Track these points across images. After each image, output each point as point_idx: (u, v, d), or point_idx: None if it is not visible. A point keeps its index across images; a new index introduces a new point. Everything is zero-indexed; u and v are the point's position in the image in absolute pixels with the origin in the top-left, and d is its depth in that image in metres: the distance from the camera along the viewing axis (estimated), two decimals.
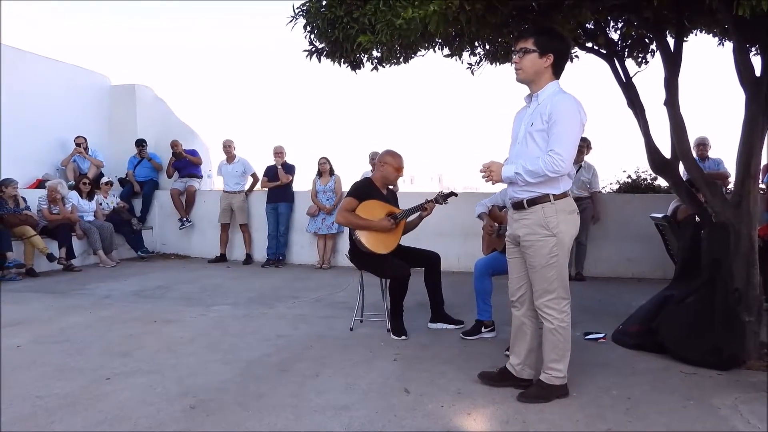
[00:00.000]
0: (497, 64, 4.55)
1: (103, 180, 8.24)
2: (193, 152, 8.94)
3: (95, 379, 3.21)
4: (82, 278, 6.63)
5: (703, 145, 6.51)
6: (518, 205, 2.85)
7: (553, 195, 2.78)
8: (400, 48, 3.65)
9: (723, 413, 2.74)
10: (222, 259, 8.10)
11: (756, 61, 3.63)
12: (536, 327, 3.03)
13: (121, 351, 3.74)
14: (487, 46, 4.40)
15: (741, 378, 3.22)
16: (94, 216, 7.81)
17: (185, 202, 8.59)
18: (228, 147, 8.18)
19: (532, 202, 2.80)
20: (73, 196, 7.61)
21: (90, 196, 7.84)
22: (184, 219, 8.51)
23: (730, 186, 5.72)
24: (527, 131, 2.80)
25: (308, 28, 3.80)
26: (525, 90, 2.93)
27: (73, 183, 7.98)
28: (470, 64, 4.56)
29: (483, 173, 2.84)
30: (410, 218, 4.33)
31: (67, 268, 7.05)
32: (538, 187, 2.77)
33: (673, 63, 3.86)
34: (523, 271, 2.96)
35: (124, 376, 3.25)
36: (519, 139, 2.86)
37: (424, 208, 4.25)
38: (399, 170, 4.34)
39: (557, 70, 2.83)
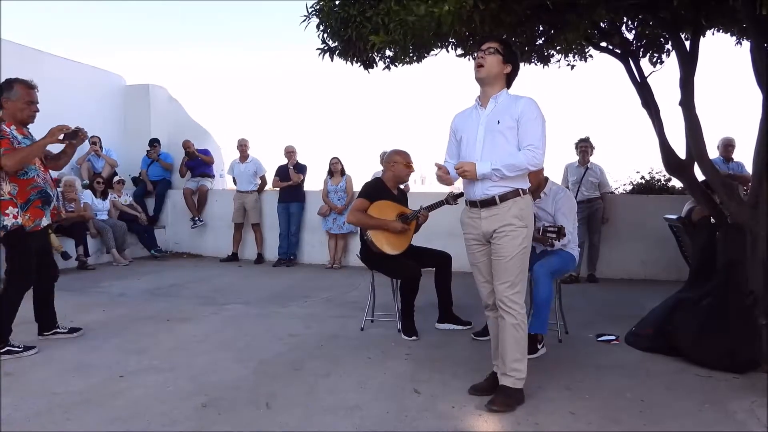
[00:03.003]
0: None
1: (116, 179, 8.32)
2: (206, 152, 9.00)
3: (110, 376, 3.24)
4: (97, 276, 6.69)
5: (730, 146, 6.35)
6: (488, 202, 2.85)
7: (522, 190, 2.86)
8: (413, 47, 3.65)
9: (739, 417, 2.70)
10: (234, 258, 8.14)
11: None
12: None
13: (136, 349, 3.77)
14: None
15: (757, 381, 3.18)
16: (108, 215, 7.88)
17: (197, 202, 8.64)
18: (243, 146, 8.23)
19: (504, 197, 2.83)
20: (86, 195, 7.68)
21: (104, 195, 7.91)
22: (196, 218, 8.56)
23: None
24: (494, 129, 2.84)
25: (321, 27, 3.81)
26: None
27: (87, 182, 8.06)
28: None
29: (458, 171, 2.85)
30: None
31: (81, 267, 7.12)
32: (511, 182, 2.82)
33: (688, 63, 3.82)
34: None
35: (138, 374, 3.28)
36: (479, 138, 2.88)
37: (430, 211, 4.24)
38: (409, 166, 4.33)
39: (509, 81, 2.96)
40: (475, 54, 2.97)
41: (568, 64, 4.79)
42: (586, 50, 4.67)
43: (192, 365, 3.44)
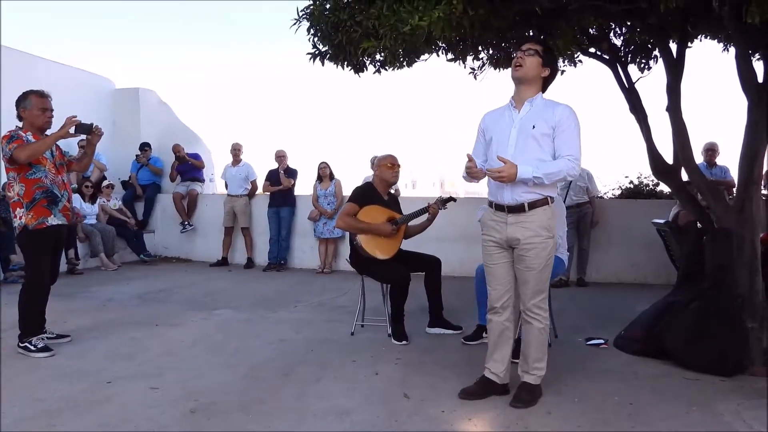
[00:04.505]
0: (500, 69, 4.55)
1: (105, 183, 8.26)
2: (196, 156, 8.96)
3: (97, 382, 3.21)
4: (85, 281, 6.63)
5: (712, 150, 6.48)
6: (517, 209, 2.83)
7: (550, 198, 2.86)
8: (403, 52, 3.66)
9: (726, 419, 2.73)
10: (224, 262, 8.10)
11: (759, 68, 3.64)
12: (515, 331, 3.07)
13: (124, 354, 3.74)
14: (491, 51, 4.41)
15: (744, 384, 3.21)
16: (96, 219, 7.82)
17: (187, 206, 8.60)
18: (236, 150, 8.23)
19: (533, 205, 2.81)
20: (75, 199, 7.61)
21: (92, 200, 7.85)
22: (186, 223, 8.51)
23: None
24: (528, 134, 2.81)
25: (312, 31, 3.81)
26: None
27: (76, 186, 7.99)
28: (473, 69, 4.57)
29: (493, 175, 2.75)
30: (412, 223, 4.33)
31: (70, 271, 7.05)
32: (542, 189, 2.80)
33: (675, 69, 3.87)
34: (509, 276, 2.95)
35: (126, 380, 3.25)
36: (511, 141, 2.85)
37: (428, 212, 4.25)
38: (393, 166, 4.33)
39: (545, 86, 2.95)
40: (514, 54, 2.97)
41: (559, 70, 4.82)
42: (576, 56, 4.71)
43: (181, 370, 3.42)
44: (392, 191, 4.66)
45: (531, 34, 4.37)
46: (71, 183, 7.93)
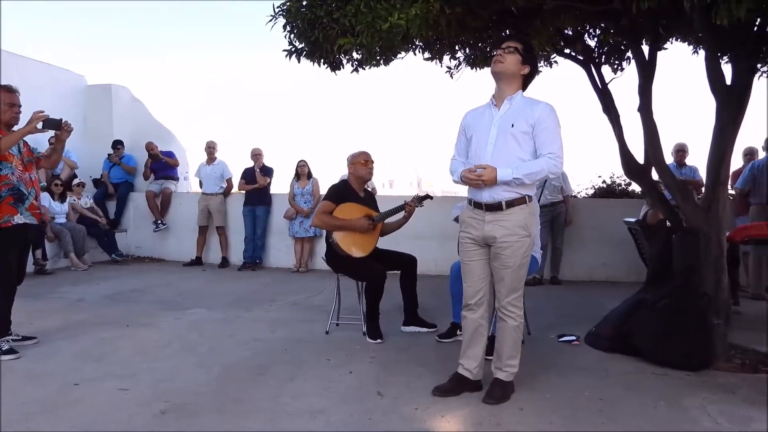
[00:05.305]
0: (477, 68, 4.58)
1: (75, 181, 8.08)
2: (170, 154, 8.82)
3: (66, 384, 3.14)
4: (54, 282, 6.48)
5: (681, 151, 6.63)
6: (495, 207, 2.85)
7: (528, 197, 2.88)
8: (380, 50, 3.66)
9: (692, 414, 2.79)
10: (198, 262, 8.00)
11: (727, 70, 3.73)
12: (488, 328, 3.10)
13: (94, 355, 3.66)
14: (468, 50, 4.43)
15: (710, 379, 3.29)
16: (66, 218, 7.65)
17: (160, 205, 8.47)
18: (211, 148, 8.14)
19: (511, 203, 2.83)
20: (44, 198, 7.44)
21: (62, 198, 7.68)
22: (159, 221, 8.38)
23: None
24: (507, 132, 2.82)
25: (288, 28, 3.78)
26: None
27: (45, 184, 7.81)
28: (449, 68, 4.59)
29: (473, 180, 2.79)
30: (388, 220, 4.33)
31: (39, 271, 6.88)
32: (521, 189, 2.83)
33: (647, 70, 3.94)
34: (485, 273, 2.97)
35: (96, 381, 3.18)
36: (491, 139, 2.86)
37: (405, 209, 4.26)
38: (367, 162, 4.33)
39: (525, 84, 2.96)
40: (493, 53, 2.99)
41: (539, 68, 4.87)
42: (552, 56, 4.76)
43: (153, 371, 3.37)
44: (368, 189, 4.66)
45: (507, 33, 4.41)
46: (40, 181, 7.79)
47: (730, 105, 3.60)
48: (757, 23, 3.52)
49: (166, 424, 2.64)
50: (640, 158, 4.09)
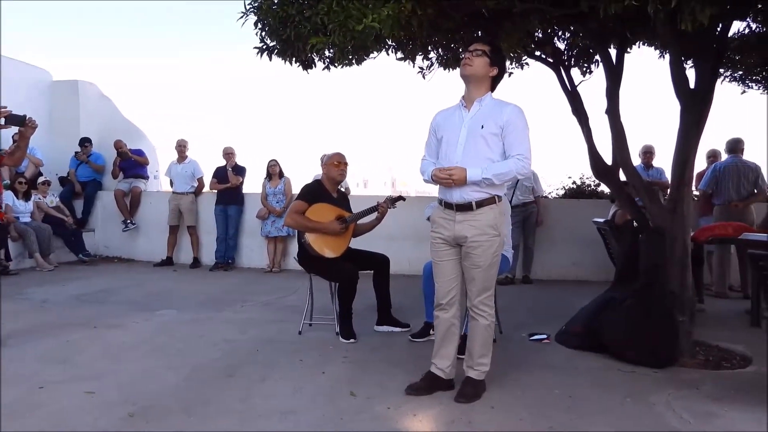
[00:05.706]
0: (449, 69, 4.61)
1: (41, 179, 7.87)
2: (140, 152, 8.66)
3: (29, 387, 3.05)
4: (19, 282, 6.30)
5: (648, 153, 6.80)
6: (465, 207, 2.88)
7: (498, 197, 2.91)
8: (352, 50, 3.65)
9: (658, 409, 2.85)
10: (168, 262, 7.87)
11: (691, 74, 3.83)
12: (461, 327, 3.13)
13: (59, 358, 3.57)
14: (440, 51, 4.45)
15: (675, 375, 3.37)
16: (31, 217, 7.45)
17: (130, 204, 8.31)
18: (182, 147, 8.02)
19: (481, 203, 2.86)
20: (7, 196, 7.23)
21: (26, 197, 7.47)
22: (128, 221, 8.22)
23: None
24: (477, 134, 2.86)
25: (259, 25, 3.74)
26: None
27: (9, 182, 7.59)
28: (421, 68, 4.60)
29: (444, 179, 2.82)
30: (361, 221, 4.32)
31: (3, 272, 6.68)
32: (491, 189, 2.86)
33: (615, 74, 4.02)
34: (456, 272, 3.00)
35: (61, 385, 3.10)
36: (460, 140, 2.89)
37: (378, 210, 4.26)
38: (339, 164, 4.31)
39: (494, 84, 3.00)
40: (463, 55, 3.00)
41: (507, 69, 4.93)
42: (522, 58, 4.82)
43: (120, 373, 3.30)
44: (342, 189, 4.65)
45: (479, 35, 4.45)
46: (3, 179, 7.57)
47: (694, 108, 3.69)
48: (719, 29, 3.62)
49: (134, 426, 2.59)
50: (609, 159, 4.17)
